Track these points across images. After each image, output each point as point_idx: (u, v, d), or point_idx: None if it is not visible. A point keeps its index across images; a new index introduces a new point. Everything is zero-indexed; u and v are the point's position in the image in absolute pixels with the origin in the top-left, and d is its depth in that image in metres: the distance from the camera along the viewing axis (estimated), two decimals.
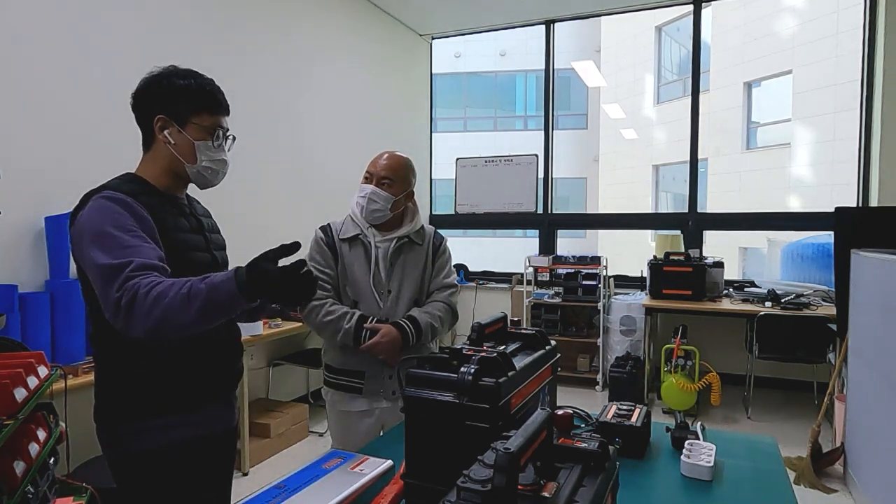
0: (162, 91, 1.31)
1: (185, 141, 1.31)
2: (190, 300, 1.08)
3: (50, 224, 2.47)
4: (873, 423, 2.66)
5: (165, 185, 1.33)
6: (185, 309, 1.07)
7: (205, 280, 1.10)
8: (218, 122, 1.35)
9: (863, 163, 4.44)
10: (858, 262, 2.92)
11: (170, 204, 1.33)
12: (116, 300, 1.08)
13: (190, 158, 1.31)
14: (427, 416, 1.01)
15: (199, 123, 1.32)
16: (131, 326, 1.09)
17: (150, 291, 1.08)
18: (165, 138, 1.30)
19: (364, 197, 1.84)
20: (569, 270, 5.03)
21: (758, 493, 1.18)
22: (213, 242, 1.43)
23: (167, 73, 1.33)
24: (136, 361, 1.26)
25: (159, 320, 1.07)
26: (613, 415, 1.41)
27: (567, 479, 0.79)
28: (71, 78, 2.63)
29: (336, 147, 4.49)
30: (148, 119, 1.31)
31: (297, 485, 1.11)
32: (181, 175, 1.34)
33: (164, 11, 3.09)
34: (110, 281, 1.10)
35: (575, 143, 13.63)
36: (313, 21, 4.27)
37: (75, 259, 1.23)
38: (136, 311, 1.07)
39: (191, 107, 1.31)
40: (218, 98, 1.36)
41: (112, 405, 1.28)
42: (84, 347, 2.50)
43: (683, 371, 4.08)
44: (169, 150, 1.30)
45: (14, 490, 1.46)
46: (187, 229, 1.35)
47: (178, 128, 1.30)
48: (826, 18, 8.89)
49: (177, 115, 1.30)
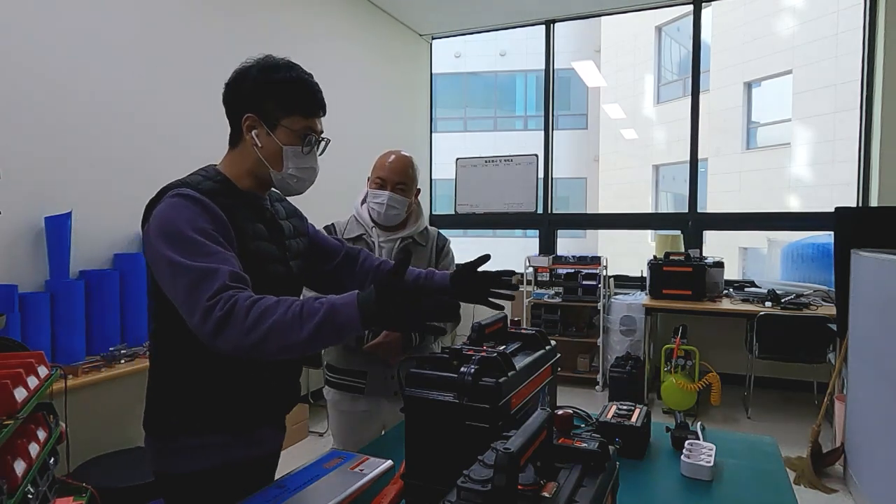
0: (253, 86, 1.19)
1: (272, 145, 1.19)
2: (303, 319, 0.98)
3: (50, 224, 2.47)
4: (873, 423, 2.66)
5: (248, 186, 1.23)
6: (295, 328, 0.97)
7: (319, 299, 1.01)
8: (312, 125, 1.23)
9: (863, 163, 4.44)
10: (858, 262, 2.92)
11: (249, 207, 1.22)
12: (208, 308, 0.99)
13: (276, 164, 1.20)
14: (427, 416, 1.01)
15: (289, 127, 1.20)
16: (224, 339, 0.99)
17: (253, 305, 0.99)
18: (253, 139, 1.19)
19: (382, 204, 1.84)
20: (569, 270, 5.03)
21: (758, 493, 1.18)
22: (291, 250, 1.32)
23: (260, 65, 1.20)
24: (196, 370, 1.16)
25: (262, 338, 0.97)
26: (613, 415, 1.41)
27: (567, 479, 0.79)
28: (71, 78, 2.63)
29: (336, 147, 4.45)
30: (236, 115, 1.21)
31: (297, 485, 1.11)
32: (264, 179, 1.23)
33: (164, 11, 3.09)
34: (199, 286, 1.01)
35: (575, 143, 13.64)
36: (313, 21, 4.27)
37: (146, 255, 1.13)
38: (234, 325, 0.98)
39: (283, 107, 1.19)
40: (315, 98, 1.23)
41: (165, 415, 1.20)
42: (84, 347, 2.50)
43: (683, 371, 4.08)
44: (255, 152, 1.20)
45: (14, 490, 1.46)
46: (265, 237, 1.23)
47: (266, 129, 1.19)
48: (826, 18, 8.89)
49: (266, 115, 1.19)
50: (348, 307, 0.98)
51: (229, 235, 1.13)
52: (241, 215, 1.18)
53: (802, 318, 3.91)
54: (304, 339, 0.97)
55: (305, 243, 1.40)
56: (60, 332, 2.42)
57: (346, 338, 1.04)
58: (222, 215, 1.13)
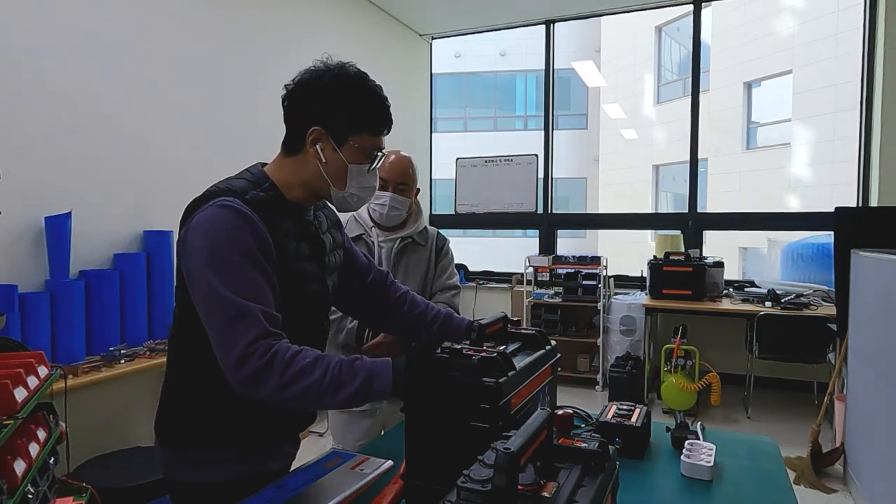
0: (325, 98, 1.12)
1: (338, 162, 1.13)
2: (340, 386, 0.98)
3: (50, 224, 2.46)
4: (873, 423, 2.66)
5: (298, 197, 1.17)
6: (330, 393, 0.98)
7: (357, 363, 1.01)
8: (379, 142, 1.18)
9: (863, 163, 4.44)
10: (858, 262, 2.92)
11: (295, 222, 1.17)
12: (246, 355, 0.97)
13: (339, 182, 1.15)
14: (427, 416, 1.01)
15: (358, 145, 1.14)
16: (256, 391, 0.98)
17: (292, 361, 0.98)
18: (317, 153, 1.13)
19: (384, 205, 1.84)
20: (569, 270, 5.03)
21: (758, 493, 1.18)
22: (329, 266, 1.27)
23: (334, 73, 1.14)
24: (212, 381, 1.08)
25: (296, 396, 0.98)
26: (613, 415, 1.41)
27: (567, 479, 0.79)
28: (71, 78, 2.63)
29: None
30: (300, 125, 1.13)
31: (297, 485, 1.11)
32: (320, 194, 1.18)
33: (164, 11, 3.09)
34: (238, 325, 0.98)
35: (575, 143, 13.65)
36: (313, 21, 4.27)
37: (182, 262, 1.09)
38: (271, 379, 0.97)
39: (354, 124, 1.13)
40: (387, 115, 1.18)
41: (178, 424, 1.17)
42: (84, 347, 2.50)
43: (683, 371, 4.08)
44: (317, 166, 1.13)
45: (14, 490, 1.46)
46: (307, 256, 1.19)
47: (333, 145, 1.13)
48: (826, 18, 8.89)
49: (336, 130, 1.12)
50: (384, 376, 1.00)
51: (272, 257, 1.09)
52: (284, 231, 1.13)
53: (802, 318, 3.91)
54: (340, 401, 1.00)
55: (342, 256, 1.36)
56: (60, 332, 2.42)
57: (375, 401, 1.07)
58: (267, 236, 1.08)
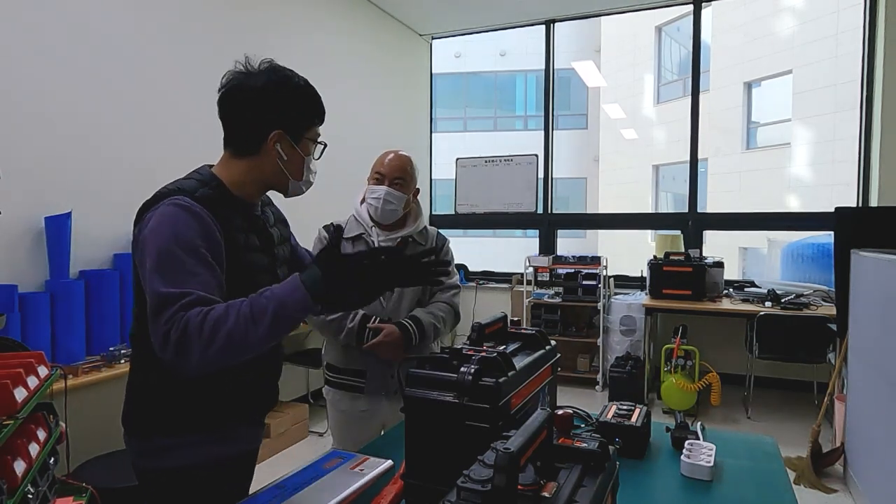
0: (283, 101, 1.18)
1: (297, 156, 1.21)
2: (255, 319, 1.00)
3: (50, 224, 2.47)
4: (873, 423, 2.66)
5: (246, 193, 1.22)
6: (251, 329, 1.00)
7: (264, 294, 1.03)
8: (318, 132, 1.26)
9: (863, 163, 4.44)
10: (858, 262, 2.92)
11: (243, 217, 1.22)
12: (165, 333, 1.00)
13: (298, 174, 1.23)
14: (427, 416, 1.01)
15: (309, 137, 1.23)
16: (185, 360, 1.00)
17: (205, 319, 0.99)
18: (279, 153, 1.18)
19: (378, 198, 1.84)
20: (569, 270, 5.03)
21: (758, 493, 1.18)
22: (279, 258, 1.32)
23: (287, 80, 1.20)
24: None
25: (223, 348, 0.99)
26: (613, 415, 1.41)
27: (567, 479, 0.79)
28: (71, 78, 2.63)
29: (337, 147, 4.47)
30: (259, 128, 1.18)
31: (297, 485, 1.11)
32: (276, 187, 1.25)
33: (165, 12, 3.09)
34: (161, 311, 1.01)
35: (575, 143, 13.64)
36: (313, 21, 4.27)
37: (134, 259, 1.14)
38: (192, 343, 0.99)
39: (306, 120, 1.21)
40: (322, 104, 1.25)
41: (143, 414, 1.21)
42: (84, 347, 2.51)
43: (683, 371, 4.08)
44: (276, 164, 1.19)
45: (14, 490, 1.46)
46: (256, 248, 1.24)
47: (292, 142, 1.20)
48: (826, 18, 8.89)
49: (294, 129, 1.20)
50: (295, 292, 1.02)
51: (219, 252, 1.12)
52: (234, 225, 1.17)
53: (802, 318, 3.91)
54: (263, 335, 1.01)
55: (289, 250, 1.42)
56: (60, 332, 2.42)
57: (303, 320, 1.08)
58: (216, 231, 1.12)
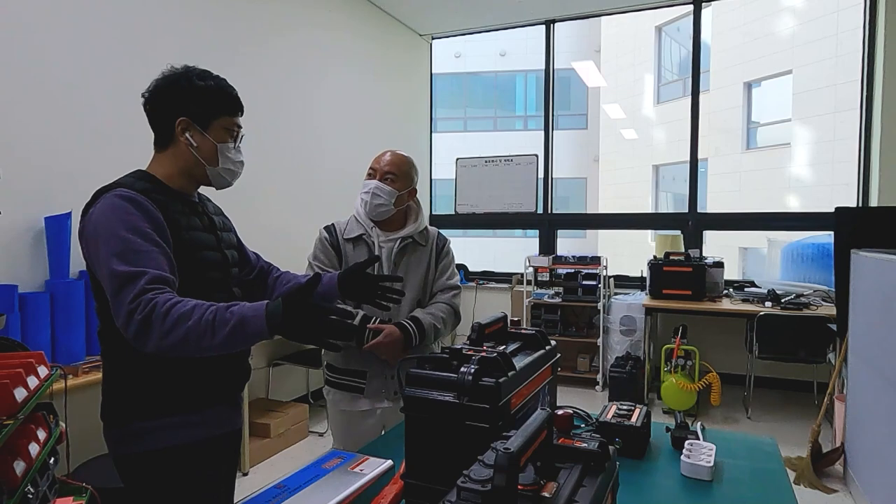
0: (184, 92, 1.30)
1: (207, 143, 1.31)
2: (215, 328, 1.08)
3: (50, 224, 2.47)
4: (873, 423, 2.66)
5: (179, 185, 1.33)
6: (208, 335, 1.08)
7: (231, 309, 1.10)
8: (237, 122, 1.37)
9: (863, 163, 4.44)
10: (858, 262, 2.92)
11: (182, 203, 1.32)
12: (129, 311, 1.07)
13: (212, 161, 1.33)
14: (427, 416, 1.01)
15: (221, 126, 1.33)
16: (144, 341, 1.08)
17: (170, 311, 1.07)
18: (188, 140, 1.30)
19: (367, 192, 1.84)
20: (569, 270, 5.03)
21: (758, 493, 1.18)
22: (225, 241, 1.43)
23: (187, 73, 1.32)
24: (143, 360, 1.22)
25: (178, 342, 1.07)
26: (613, 415, 1.41)
27: (567, 479, 0.79)
28: (71, 78, 2.63)
29: (337, 147, 4.48)
30: (167, 120, 1.30)
31: (297, 485, 1.11)
32: (198, 177, 1.35)
33: (165, 11, 3.09)
34: (123, 290, 1.09)
35: (575, 143, 13.63)
36: (313, 21, 4.27)
37: (85, 257, 1.22)
38: (153, 328, 1.07)
39: (213, 109, 1.32)
40: (237, 98, 1.37)
41: (119, 403, 1.27)
42: (84, 347, 2.50)
43: (683, 371, 4.08)
44: (190, 152, 1.30)
45: (14, 490, 1.46)
46: (199, 228, 1.34)
47: (200, 130, 1.30)
48: (826, 18, 8.89)
49: (200, 117, 1.30)
50: (257, 319, 1.10)
51: (164, 232, 1.21)
52: (174, 209, 1.27)
53: (802, 318, 3.91)
54: (217, 344, 1.09)
55: (235, 240, 1.51)
56: (60, 332, 2.42)
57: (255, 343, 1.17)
58: (156, 212, 1.21)
